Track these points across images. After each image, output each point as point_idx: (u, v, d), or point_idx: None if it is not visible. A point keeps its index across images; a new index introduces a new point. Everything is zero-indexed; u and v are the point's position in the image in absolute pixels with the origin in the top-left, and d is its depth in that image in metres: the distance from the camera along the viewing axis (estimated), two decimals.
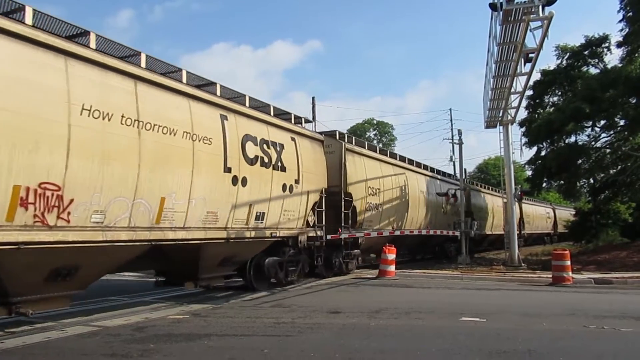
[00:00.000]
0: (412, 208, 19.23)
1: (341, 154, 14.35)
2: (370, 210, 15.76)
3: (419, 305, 9.64)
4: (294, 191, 11.83)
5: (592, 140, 25.19)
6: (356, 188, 14.78)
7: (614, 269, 16.87)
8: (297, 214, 12.17)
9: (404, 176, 18.81)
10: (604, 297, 11.31)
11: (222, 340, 6.48)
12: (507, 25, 13.14)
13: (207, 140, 9.11)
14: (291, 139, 12.10)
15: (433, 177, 22.50)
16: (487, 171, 62.90)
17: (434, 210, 21.69)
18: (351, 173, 14.62)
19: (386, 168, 17.49)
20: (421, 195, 20.23)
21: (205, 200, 9.07)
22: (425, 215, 20.51)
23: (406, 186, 18.88)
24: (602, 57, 24.84)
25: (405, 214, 18.73)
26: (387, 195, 17.03)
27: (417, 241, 20.94)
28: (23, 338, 6.49)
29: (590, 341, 6.50)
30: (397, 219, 18.13)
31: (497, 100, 18.79)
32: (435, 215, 21.79)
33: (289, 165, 11.68)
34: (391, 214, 17.56)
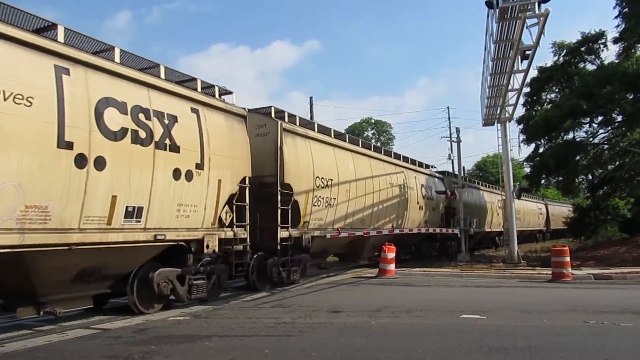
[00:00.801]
0: (383, 204, 17.06)
1: (277, 135, 11.77)
2: (320, 206, 13.20)
3: (419, 303, 9.66)
4: (195, 179, 9.08)
5: (590, 137, 25.25)
6: (299, 179, 12.26)
7: (613, 265, 16.91)
8: (202, 209, 9.35)
9: (373, 167, 16.55)
10: (603, 293, 11.34)
11: (223, 341, 6.48)
12: (503, 23, 13.15)
13: (25, 100, 6.43)
14: (192, 110, 9.33)
15: (414, 170, 20.63)
16: (485, 169, 62.94)
17: (419, 207, 20.32)
18: (291, 160, 12.08)
19: (345, 156, 14.97)
20: (395, 190, 18.09)
21: (21, 188, 6.35)
22: (399, 212, 18.48)
23: (380, 179, 16.84)
24: (598, 53, 24.90)
25: (372, 211, 16.40)
26: (346, 189, 14.57)
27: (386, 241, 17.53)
28: (24, 342, 6.49)
29: (590, 336, 6.52)
30: (363, 217, 15.79)
31: (494, 97, 18.83)
32: (416, 212, 20.11)
33: (186, 145, 8.88)
34: (355, 211, 15.13)
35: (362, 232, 15.17)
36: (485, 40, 16.07)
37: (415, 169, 20.80)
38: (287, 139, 12.11)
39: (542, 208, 43.59)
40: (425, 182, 21.28)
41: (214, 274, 9.91)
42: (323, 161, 13.52)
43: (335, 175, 13.93)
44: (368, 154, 16.69)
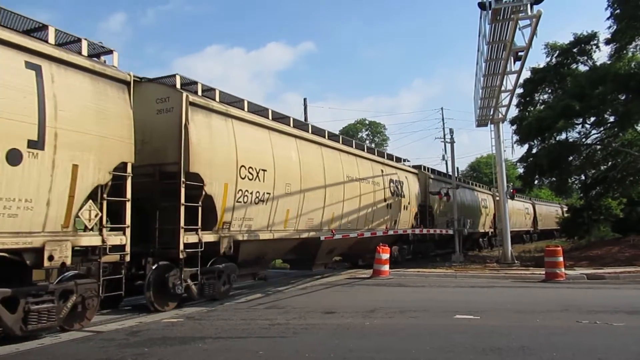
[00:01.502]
0: (339, 201, 14.61)
1: (182, 111, 9.17)
2: (249, 203, 10.75)
3: (413, 304, 9.68)
4: (26, 163, 6.37)
5: (583, 137, 25.35)
6: (213, 168, 9.78)
7: (606, 265, 16.99)
8: (44, 206, 6.63)
9: (327, 157, 14.23)
10: (596, 293, 11.40)
11: (216, 342, 6.47)
12: (496, 24, 13.21)
13: None
14: (28, 65, 6.59)
15: (381, 163, 18.30)
16: (479, 169, 63.18)
17: (387, 206, 18.16)
18: (202, 143, 9.53)
19: (286, 143, 12.51)
20: (355, 185, 15.71)
21: None
22: (362, 211, 16.29)
23: (335, 172, 14.49)
24: (590, 54, 25.02)
25: (324, 209, 13.78)
26: (286, 182, 11.99)
27: (347, 245, 15.92)
28: (16, 344, 6.44)
29: (583, 336, 6.55)
30: (312, 216, 13.28)
31: (487, 98, 18.90)
32: (384, 211, 17.88)
33: (10, 113, 6.21)
34: (301, 209, 12.70)
35: (308, 234, 13.00)
36: (478, 42, 16.14)
37: (382, 161, 18.55)
38: (196, 116, 9.58)
39: (529, 208, 41.43)
40: (396, 178, 19.10)
41: (72, 295, 7.14)
42: (252, 147, 11.03)
43: (270, 164, 11.43)
44: (319, 142, 14.11)
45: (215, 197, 9.86)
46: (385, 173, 18.16)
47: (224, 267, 10.41)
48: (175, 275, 9.15)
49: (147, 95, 9.40)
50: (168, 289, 9.05)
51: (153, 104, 9.47)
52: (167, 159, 9.32)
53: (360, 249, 17.16)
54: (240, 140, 10.70)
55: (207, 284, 9.90)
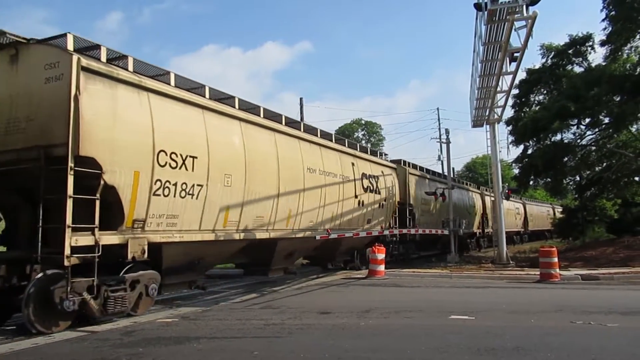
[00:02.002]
0: (296, 196, 12.60)
1: (72, 78, 7.24)
2: (171, 196, 8.70)
3: (409, 304, 9.69)
4: None
5: (578, 138, 25.47)
6: (117, 151, 7.76)
7: (600, 265, 17.07)
8: None
9: (281, 145, 12.17)
10: (590, 293, 11.45)
11: (211, 342, 6.45)
12: (491, 25, 13.25)
13: None
14: None
15: (353, 155, 16.29)
16: (474, 170, 63.35)
17: (359, 202, 16.12)
18: (100, 120, 7.58)
19: (227, 125, 10.45)
20: (320, 178, 13.69)
21: None
22: (326, 208, 14.05)
23: (292, 162, 12.52)
24: (586, 55, 25.14)
25: (276, 205, 11.77)
26: (225, 172, 9.99)
27: (305, 247, 14.14)
28: (10, 344, 6.42)
29: (577, 337, 6.57)
30: (261, 213, 11.31)
31: (483, 99, 18.96)
32: (355, 210, 15.95)
33: None
34: (247, 204, 10.72)
35: (257, 234, 11.20)
36: (474, 42, 16.19)
37: (354, 153, 16.50)
38: (93, 85, 7.56)
39: (520, 208, 39.73)
40: (370, 172, 17.18)
41: None
42: (178, 128, 8.92)
43: (202, 151, 9.40)
44: (272, 127, 12.07)
45: (120, 188, 7.78)
46: (357, 166, 16.15)
47: (139, 276, 8.32)
48: (63, 288, 7.10)
49: (35, 61, 7.61)
50: (56, 305, 7.08)
51: (41, 71, 7.50)
52: (54, 139, 7.30)
53: (329, 251, 15.45)
54: (160, 119, 8.51)
55: (114, 298, 7.82)
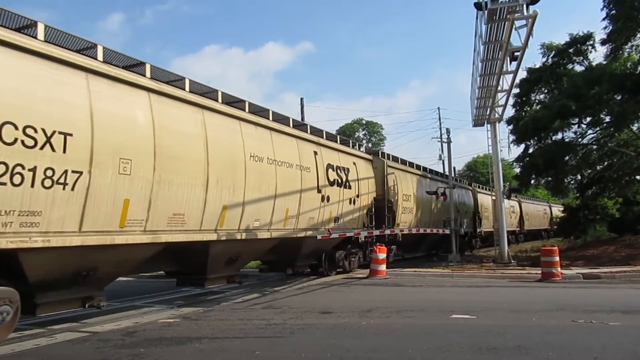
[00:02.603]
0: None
1: None
2: (23, 185, 6.36)
3: (410, 303, 9.69)
4: None
5: (579, 137, 25.45)
6: None
7: (602, 264, 17.05)
8: None
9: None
10: (592, 292, 11.44)
11: (213, 342, 6.46)
12: (492, 25, 13.24)
13: None
14: None
15: (309, 141, 13.70)
16: (475, 169, 63.33)
17: (323, 198, 13.78)
18: None
19: (123, 95, 7.98)
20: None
21: None
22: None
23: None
24: (586, 54, 25.13)
25: (206, 201, 9.46)
26: (118, 154, 7.61)
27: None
28: (12, 345, 6.42)
29: (579, 335, 6.57)
30: (178, 211, 8.78)
31: (484, 98, 18.94)
32: (318, 206, 13.62)
33: None
34: (159, 199, 8.30)
35: (175, 236, 8.75)
36: (475, 42, 16.18)
37: (316, 140, 13.98)
38: None
39: (515, 206, 36.94)
40: (338, 163, 14.85)
41: None
42: (42, 95, 6.72)
43: (81, 126, 7.13)
44: (200, 103, 9.59)
45: None
46: (320, 156, 13.86)
47: None
48: None
49: None
50: None
51: None
52: None
53: (288, 254, 13.28)
54: (8, 79, 6.39)
55: None
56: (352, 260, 16.04)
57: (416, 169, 22.13)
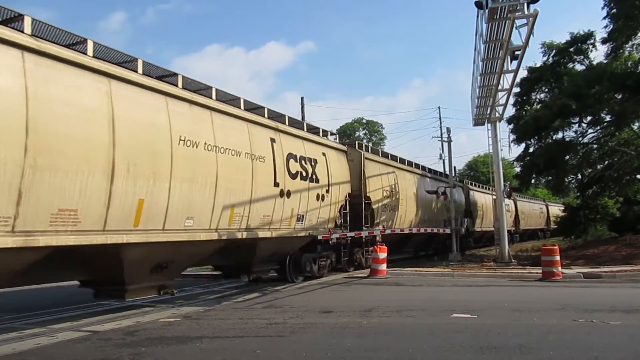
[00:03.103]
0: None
1: None
2: None
3: (411, 303, 9.68)
4: None
5: (579, 136, 25.47)
6: None
7: (602, 263, 17.04)
8: None
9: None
10: (593, 291, 11.43)
11: (214, 342, 6.46)
12: (492, 23, 13.22)
13: None
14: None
15: (256, 124, 11.42)
16: (476, 168, 63.32)
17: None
18: None
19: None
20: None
21: None
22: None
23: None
24: (587, 53, 25.18)
25: (111, 193, 7.61)
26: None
27: None
28: (13, 345, 6.43)
29: (580, 335, 6.56)
30: (65, 205, 6.90)
31: (484, 97, 18.93)
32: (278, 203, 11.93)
33: None
34: (36, 191, 6.51)
35: (65, 237, 6.95)
36: (475, 41, 16.17)
37: (274, 126, 12.11)
38: None
39: (510, 205, 34.17)
40: (303, 153, 13.11)
41: None
42: None
43: None
44: (103, 70, 7.71)
45: None
46: (279, 144, 11.99)
47: None
48: None
49: None
50: None
51: None
52: None
53: (241, 258, 11.50)
54: None
55: None
56: (321, 265, 14.10)
57: (400, 163, 20.28)
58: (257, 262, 11.82)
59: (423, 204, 21.74)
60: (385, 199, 17.75)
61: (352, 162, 15.92)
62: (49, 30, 7.30)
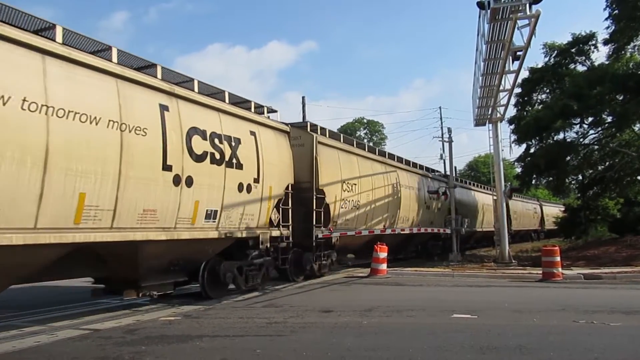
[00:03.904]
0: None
1: None
2: None
3: (411, 303, 9.68)
4: None
5: (580, 137, 25.46)
6: None
7: (603, 265, 17.04)
8: None
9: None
10: (593, 293, 11.42)
11: (214, 340, 6.46)
12: (494, 24, 13.22)
13: None
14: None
15: (145, 85, 8.57)
16: (477, 169, 63.32)
17: None
18: None
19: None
20: None
21: None
22: None
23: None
24: (589, 54, 25.20)
25: None
26: None
27: None
28: (13, 342, 6.43)
29: (580, 336, 6.55)
30: None
31: (486, 98, 18.92)
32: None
33: None
34: None
35: None
36: (477, 41, 16.16)
37: (171, 89, 9.08)
38: None
39: None
40: (219, 130, 10.13)
41: None
42: None
43: None
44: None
45: None
46: (175, 113, 8.96)
47: None
48: None
49: None
50: None
51: None
52: None
53: (118, 270, 8.61)
54: None
55: None
56: (250, 275, 11.12)
57: (369, 152, 17.52)
58: (148, 273, 8.79)
59: (397, 201, 18.58)
60: (346, 193, 14.76)
61: (302, 147, 13.17)
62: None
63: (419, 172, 22.20)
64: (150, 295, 9.16)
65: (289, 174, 12.54)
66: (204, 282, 10.18)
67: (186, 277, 10.01)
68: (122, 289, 8.67)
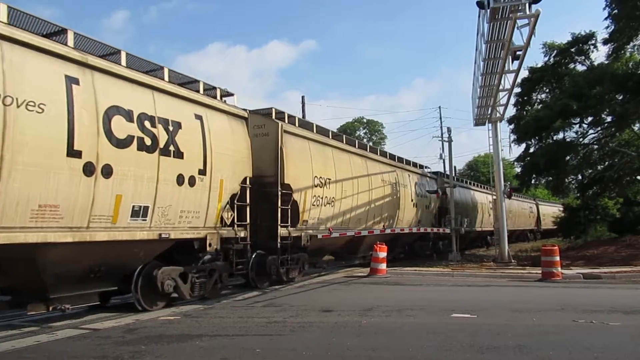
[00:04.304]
0: None
1: None
2: None
3: (410, 302, 9.68)
4: None
5: (580, 137, 25.43)
6: None
7: (602, 264, 17.05)
8: None
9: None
10: (592, 292, 11.43)
11: (213, 340, 6.46)
12: (494, 23, 13.23)
13: None
14: None
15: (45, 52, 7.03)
16: (476, 168, 63.31)
17: None
18: None
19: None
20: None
21: None
22: None
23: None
24: (588, 54, 25.15)
25: None
26: None
27: None
28: (12, 342, 6.42)
29: (579, 335, 6.56)
30: None
31: (485, 97, 18.93)
32: None
33: None
34: None
35: None
36: (477, 41, 16.16)
37: (83, 59, 7.48)
38: None
39: None
40: (152, 111, 8.70)
41: None
42: None
43: None
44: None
45: None
46: (89, 88, 7.47)
47: None
48: None
49: None
50: None
51: None
52: None
53: (20, 279, 7.43)
54: None
55: None
56: (198, 282, 9.68)
57: (347, 145, 15.89)
58: (58, 282, 7.39)
59: (377, 197, 16.98)
60: (317, 188, 13.28)
61: (266, 136, 11.97)
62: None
63: (407, 167, 20.60)
64: (62, 309, 7.44)
65: (246, 166, 10.86)
66: (137, 291, 8.66)
67: (114, 285, 8.43)
68: (28, 302, 7.32)
